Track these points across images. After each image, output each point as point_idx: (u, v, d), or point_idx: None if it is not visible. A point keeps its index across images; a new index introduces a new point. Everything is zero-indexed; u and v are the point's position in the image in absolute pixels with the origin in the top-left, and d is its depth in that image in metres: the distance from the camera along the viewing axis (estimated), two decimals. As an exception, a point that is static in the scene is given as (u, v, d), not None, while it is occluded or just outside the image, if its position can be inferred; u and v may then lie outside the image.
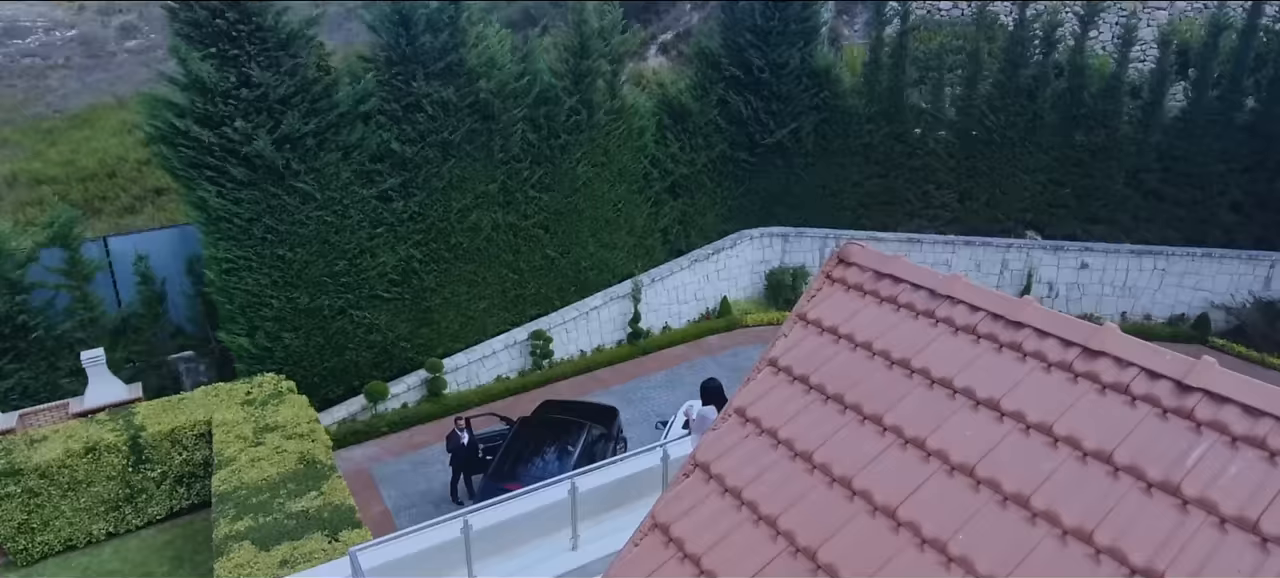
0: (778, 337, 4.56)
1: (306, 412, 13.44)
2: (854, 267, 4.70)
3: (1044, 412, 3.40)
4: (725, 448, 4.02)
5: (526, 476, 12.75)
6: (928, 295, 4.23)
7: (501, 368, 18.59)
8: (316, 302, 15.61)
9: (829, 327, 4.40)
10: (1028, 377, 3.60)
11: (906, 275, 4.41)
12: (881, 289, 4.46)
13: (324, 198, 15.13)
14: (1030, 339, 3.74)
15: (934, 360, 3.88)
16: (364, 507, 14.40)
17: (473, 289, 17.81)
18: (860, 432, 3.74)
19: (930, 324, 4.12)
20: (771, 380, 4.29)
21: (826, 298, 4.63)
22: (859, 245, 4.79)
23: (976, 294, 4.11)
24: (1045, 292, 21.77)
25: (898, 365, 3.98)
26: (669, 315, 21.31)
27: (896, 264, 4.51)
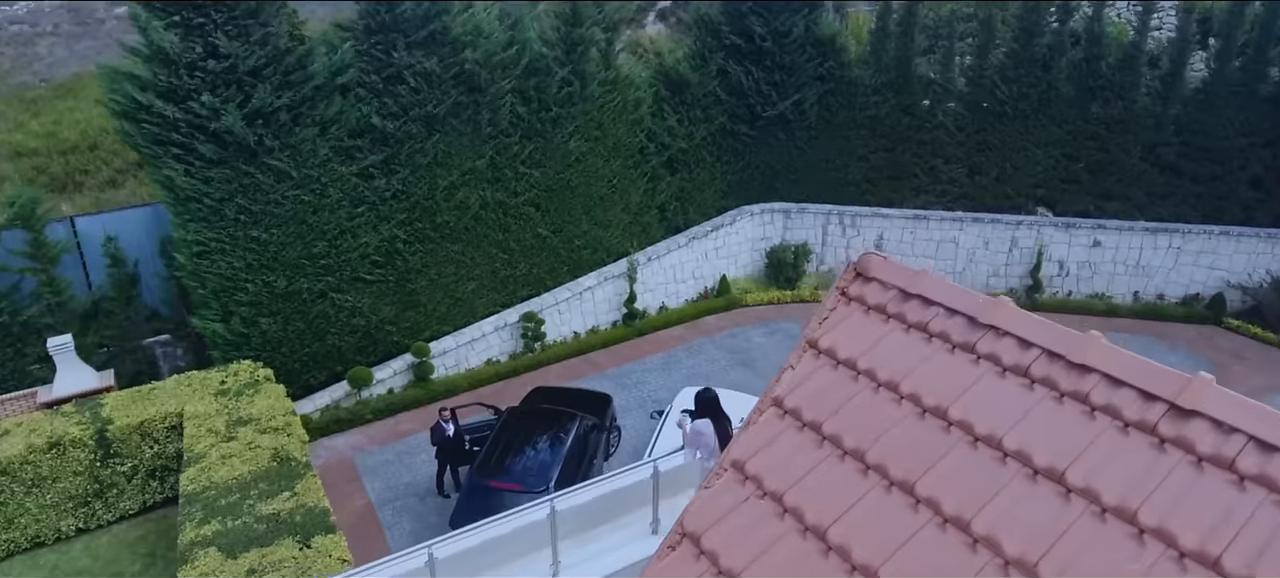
0: (784, 369, 3.84)
1: (283, 403, 12.78)
2: (875, 283, 3.95)
3: (1124, 491, 2.68)
4: (719, 514, 3.31)
5: (514, 469, 12.14)
6: (966, 324, 3.49)
7: (492, 351, 17.91)
8: (295, 285, 14.87)
9: (845, 359, 3.67)
10: (1099, 440, 2.87)
11: (939, 297, 3.67)
12: (909, 313, 3.72)
13: (300, 176, 14.32)
14: (1099, 389, 3.00)
15: (977, 410, 3.15)
16: (347, 500, 13.83)
17: (460, 270, 17.06)
18: (885, 503, 3.03)
19: (971, 361, 3.39)
20: (776, 426, 3.57)
21: (842, 321, 3.90)
22: (880, 257, 4.04)
23: (1027, 324, 3.36)
24: (1056, 270, 21.03)
25: (931, 414, 3.25)
26: (666, 295, 20.59)
27: (926, 282, 3.76)
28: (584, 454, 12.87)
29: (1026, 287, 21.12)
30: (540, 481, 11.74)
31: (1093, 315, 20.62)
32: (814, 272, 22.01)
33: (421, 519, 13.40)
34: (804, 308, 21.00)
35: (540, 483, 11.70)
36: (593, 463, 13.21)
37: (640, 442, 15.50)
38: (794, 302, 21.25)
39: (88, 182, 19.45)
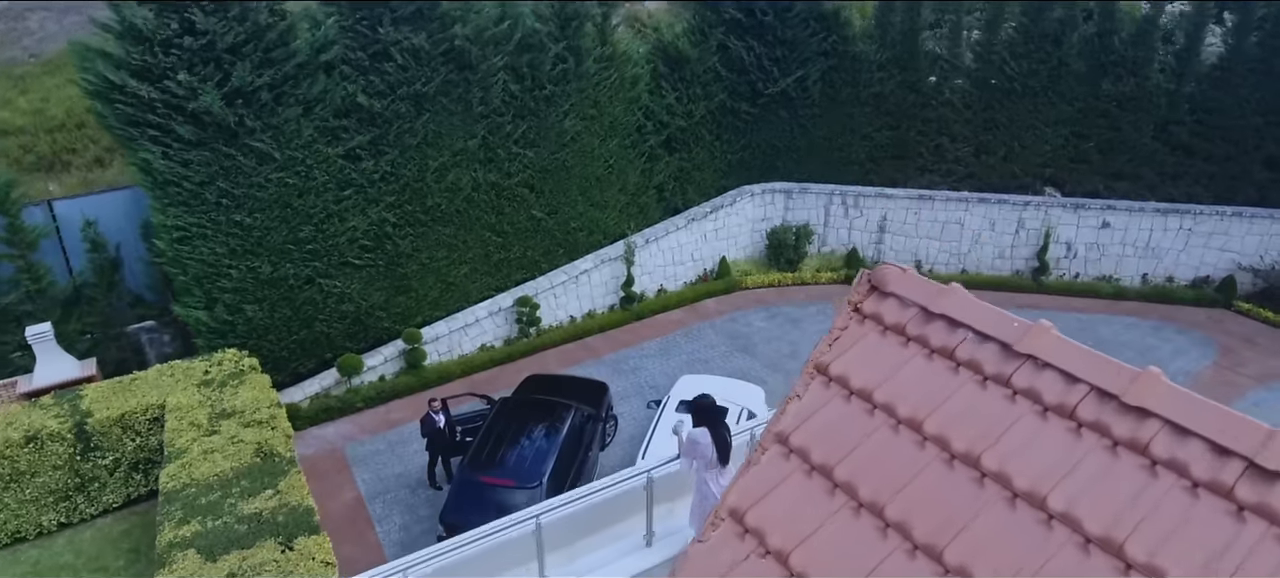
0: (789, 399, 3.40)
1: (267, 394, 12.37)
2: (892, 299, 3.50)
3: (1196, 570, 2.24)
4: (716, 572, 2.88)
5: (506, 463, 11.76)
6: (1000, 352, 3.04)
7: (485, 337, 17.50)
8: (280, 271, 14.40)
9: (860, 389, 3.23)
10: (1163, 504, 2.43)
11: (968, 318, 3.21)
12: (932, 335, 3.27)
13: (284, 158, 13.79)
14: (1162, 439, 2.56)
15: (1015, 459, 2.71)
16: (336, 492, 13.48)
17: (452, 254, 16.58)
18: (908, 570, 2.60)
19: (1006, 397, 2.94)
20: (780, 468, 3.13)
21: (855, 343, 3.45)
22: (898, 268, 3.58)
23: (1071, 356, 2.92)
24: (1063, 252, 20.55)
25: (961, 461, 2.82)
26: (664, 278, 20.13)
27: (953, 299, 3.31)
28: (579, 447, 12.51)
29: (1033, 269, 20.67)
30: (533, 476, 11.38)
31: (1100, 298, 20.21)
32: (815, 253, 21.53)
33: (412, 512, 13.07)
34: (805, 290, 20.57)
35: (533, 479, 11.34)
36: (588, 455, 12.85)
37: (637, 430, 15.14)
38: (795, 284, 20.81)
39: (75, 160, 18.90)
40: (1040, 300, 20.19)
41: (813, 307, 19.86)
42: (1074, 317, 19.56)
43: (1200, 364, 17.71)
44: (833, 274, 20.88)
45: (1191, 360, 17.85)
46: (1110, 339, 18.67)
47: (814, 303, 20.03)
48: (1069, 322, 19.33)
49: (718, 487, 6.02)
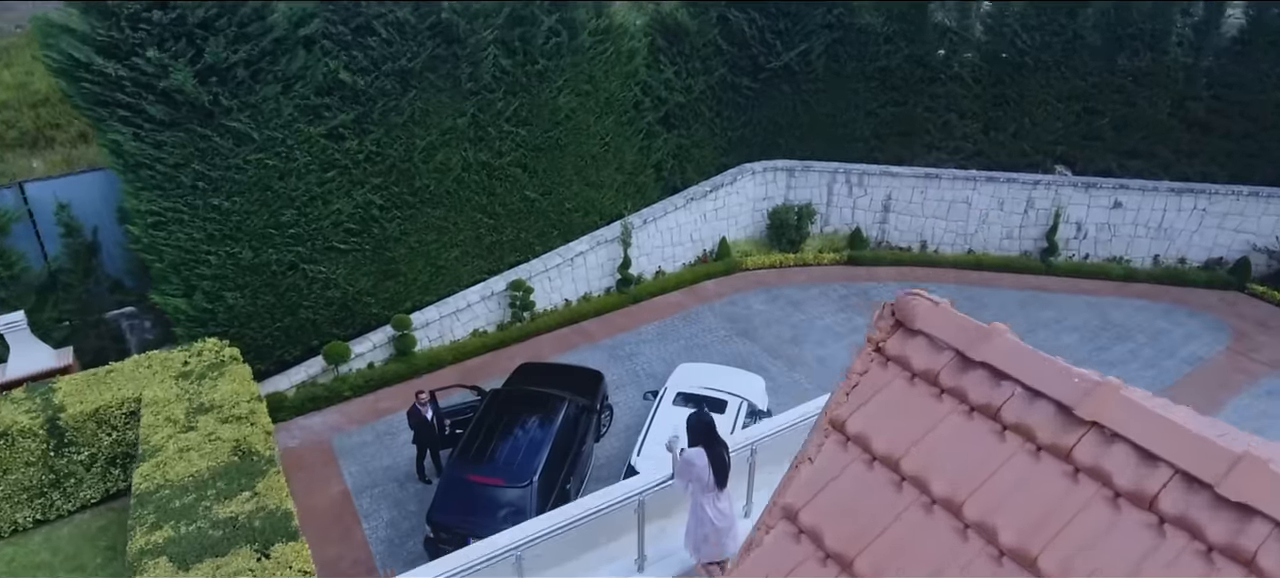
0: (799, 461, 2.87)
1: (248, 387, 11.86)
2: (922, 339, 2.95)
3: None
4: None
5: (496, 460, 11.29)
6: (1057, 417, 2.50)
7: (478, 321, 16.98)
8: (262, 256, 13.83)
9: (884, 454, 2.70)
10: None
11: (1016, 369, 2.67)
12: (971, 389, 2.73)
13: (263, 138, 13.15)
14: (1273, 548, 2.03)
15: (1080, 558, 2.19)
16: (322, 485, 13.05)
17: (442, 236, 16.00)
18: None
19: (1066, 476, 2.41)
20: (789, 551, 2.62)
21: (877, 392, 2.91)
22: (928, 300, 3.03)
23: (1148, 426, 2.38)
24: (1073, 232, 19.96)
25: (1011, 558, 2.29)
26: (662, 259, 19.57)
27: (997, 345, 2.76)
28: (572, 441, 12.04)
29: (1041, 249, 20.10)
30: (523, 474, 10.92)
31: (1110, 280, 19.67)
32: (818, 233, 20.95)
33: (400, 507, 12.65)
34: (807, 272, 20.02)
35: (523, 477, 10.88)
36: (582, 449, 12.39)
37: (634, 420, 14.68)
38: (797, 265, 20.26)
39: (59, 136, 18.25)
40: (1048, 282, 19.66)
41: (814, 289, 19.32)
42: (1084, 299, 19.05)
43: (1213, 349, 17.22)
44: (835, 255, 20.32)
45: (1204, 345, 17.35)
46: (1121, 322, 18.17)
47: (815, 285, 19.49)
48: (1079, 304, 18.83)
49: (715, 511, 5.53)
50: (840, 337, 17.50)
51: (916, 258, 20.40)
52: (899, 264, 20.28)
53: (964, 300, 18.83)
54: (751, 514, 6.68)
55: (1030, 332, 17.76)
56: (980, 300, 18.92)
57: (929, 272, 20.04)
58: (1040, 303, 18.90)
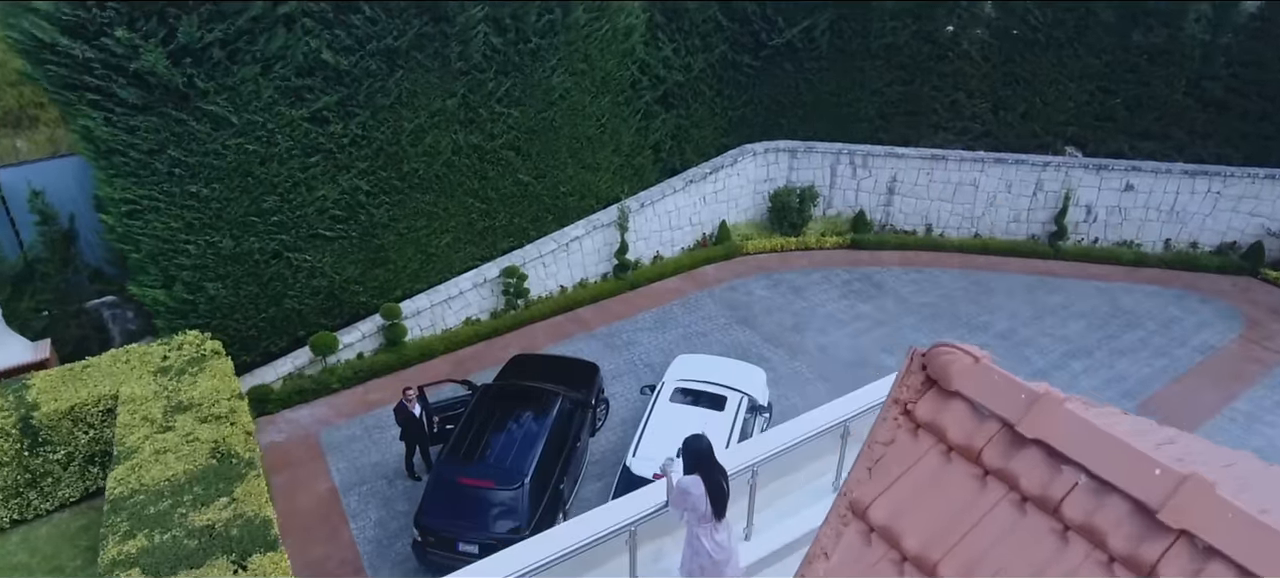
0: (814, 555, 2.40)
1: (228, 384, 11.41)
2: (959, 403, 2.47)
3: None
4: None
5: (486, 461, 10.86)
6: (1135, 518, 2.04)
7: (470, 309, 16.50)
8: (244, 245, 13.32)
9: (915, 555, 2.24)
10: None
11: (1079, 451, 2.20)
12: (1024, 473, 2.25)
13: (242, 122, 12.57)
14: None
15: None
16: (309, 483, 12.66)
17: (433, 222, 15.46)
18: None
19: (1147, 603, 1.93)
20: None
21: (907, 470, 2.43)
22: (967, 355, 2.54)
23: (1254, 540, 1.89)
24: (1083, 215, 19.42)
25: None
26: (661, 243, 19.05)
27: (1055, 418, 2.28)
28: (566, 439, 11.62)
29: (1050, 233, 19.58)
30: (514, 475, 10.50)
31: (1120, 264, 19.18)
32: (820, 216, 20.41)
33: (389, 506, 12.27)
34: (809, 256, 19.51)
35: (514, 478, 10.46)
36: (577, 446, 11.97)
37: (630, 413, 14.27)
38: (798, 249, 19.75)
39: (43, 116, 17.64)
40: (1056, 267, 19.17)
41: (816, 274, 18.83)
42: (1093, 284, 18.57)
43: (1225, 338, 16.77)
44: (838, 238, 19.80)
45: (1216, 333, 16.91)
46: (1131, 309, 17.71)
47: (818, 270, 18.99)
48: (1087, 290, 18.35)
49: (712, 543, 5.10)
50: (842, 324, 17.04)
51: (921, 242, 19.89)
52: (903, 248, 19.77)
53: (971, 286, 18.37)
54: (752, 537, 6.27)
55: (1037, 318, 17.32)
56: (987, 285, 18.45)
57: (934, 256, 19.54)
58: (1048, 288, 18.42)
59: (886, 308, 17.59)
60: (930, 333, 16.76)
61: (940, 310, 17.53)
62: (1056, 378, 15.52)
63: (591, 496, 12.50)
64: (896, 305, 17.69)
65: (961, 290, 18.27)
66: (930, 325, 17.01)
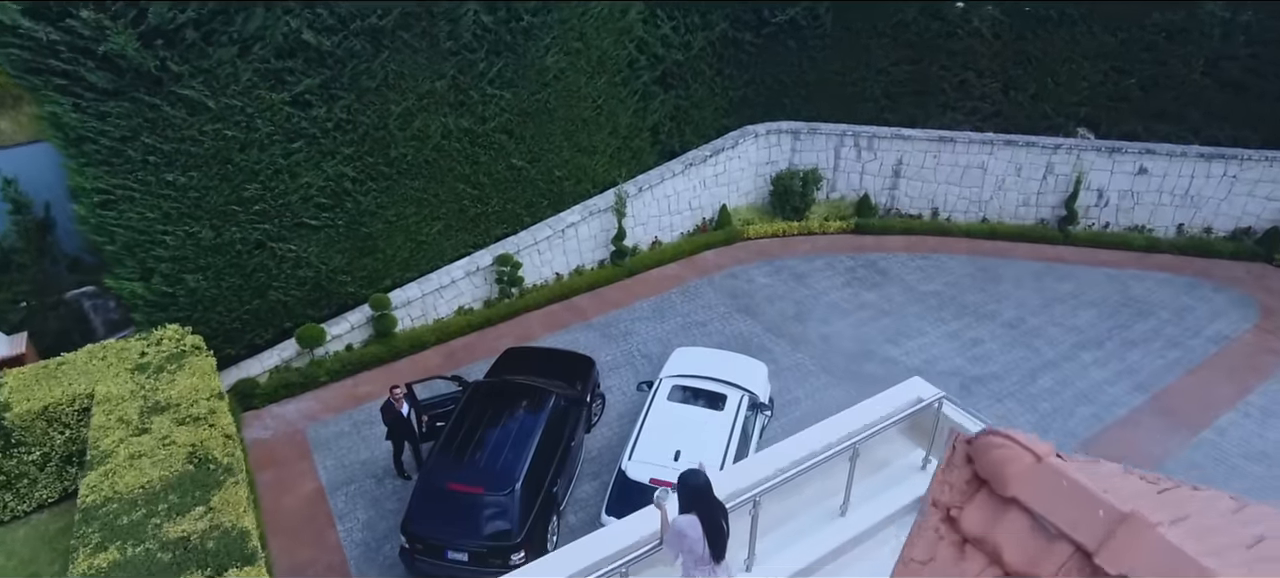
0: None
1: (208, 382, 10.96)
2: (1018, 514, 2.01)
3: None
4: None
5: (475, 466, 10.41)
6: None
7: (463, 298, 16.02)
8: (225, 235, 12.79)
9: None
10: None
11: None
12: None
13: (220, 107, 11.98)
14: None
15: None
16: (295, 482, 12.26)
17: (423, 210, 14.92)
18: None
19: None
20: None
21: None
22: (1025, 450, 2.04)
23: None
24: (1094, 199, 18.86)
25: None
26: (659, 229, 18.52)
27: (1143, 545, 1.78)
28: (560, 440, 11.18)
29: (1059, 218, 19.04)
30: (504, 481, 10.07)
31: (1131, 250, 18.66)
32: (824, 199, 19.84)
33: (377, 506, 11.88)
34: (811, 241, 18.99)
35: (504, 484, 10.04)
36: (571, 446, 11.55)
37: (627, 407, 13.85)
38: (801, 234, 19.22)
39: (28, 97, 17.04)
40: (1066, 253, 18.65)
41: (819, 261, 18.32)
42: (1104, 272, 18.06)
43: (1239, 328, 16.31)
44: (842, 223, 19.25)
45: (1230, 323, 16.44)
46: (1143, 297, 17.22)
47: (820, 256, 18.48)
48: (1098, 277, 17.85)
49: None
50: (846, 313, 16.56)
51: (927, 226, 19.35)
52: (909, 232, 19.24)
53: (978, 272, 17.87)
54: (753, 567, 5.84)
55: (1046, 307, 16.84)
56: (995, 272, 17.94)
57: (940, 241, 19.02)
58: (1057, 275, 17.91)
59: (891, 296, 17.10)
60: (936, 322, 16.30)
61: (947, 299, 17.04)
62: (1068, 369, 15.09)
63: (587, 495, 12.12)
64: (902, 293, 17.20)
65: (969, 277, 17.77)
66: (936, 315, 16.54)
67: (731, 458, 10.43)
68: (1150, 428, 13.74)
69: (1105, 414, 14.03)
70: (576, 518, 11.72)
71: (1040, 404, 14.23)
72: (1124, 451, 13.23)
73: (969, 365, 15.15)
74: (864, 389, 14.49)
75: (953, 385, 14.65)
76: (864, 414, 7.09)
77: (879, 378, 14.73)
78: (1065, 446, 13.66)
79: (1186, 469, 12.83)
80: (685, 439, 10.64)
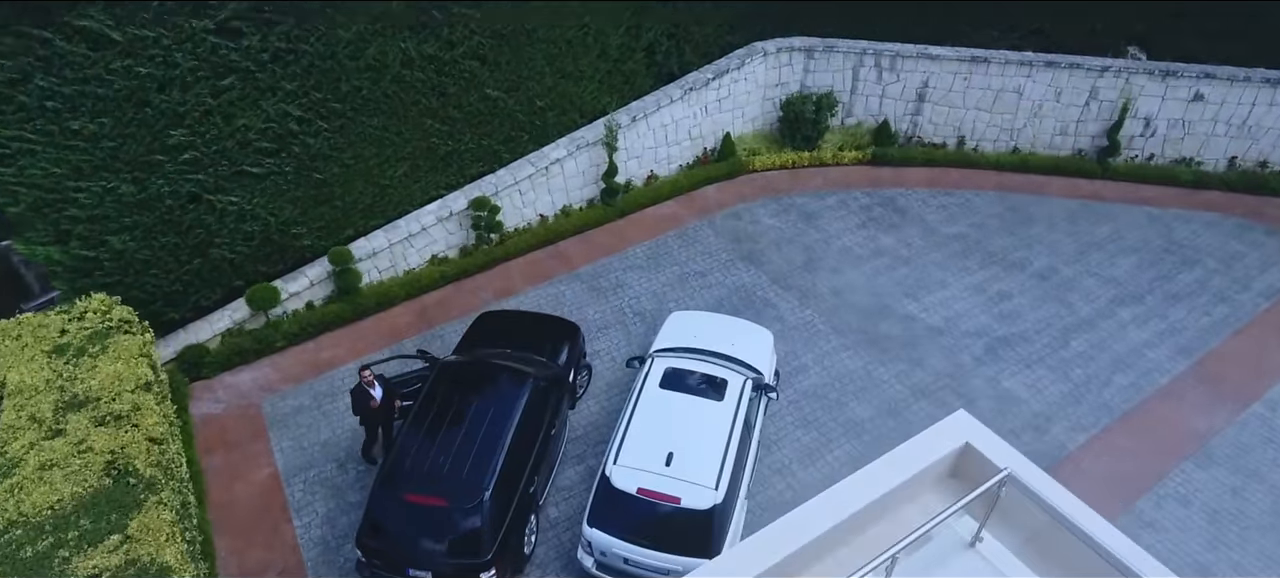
0: None
1: (134, 370, 9.58)
2: None
3: None
4: None
5: (438, 470, 9.09)
6: None
7: (436, 246, 14.45)
8: (150, 189, 11.11)
9: None
10: None
11: None
12: None
13: (127, 39, 10.06)
14: None
15: None
16: (248, 468, 11.10)
17: (384, 150, 13.14)
18: None
19: None
20: None
21: None
22: None
23: None
24: (1140, 129, 16.93)
25: None
26: (655, 162, 16.70)
27: None
28: (538, 430, 9.90)
29: (1099, 149, 17.16)
30: (471, 491, 8.82)
31: (1176, 186, 16.89)
32: (839, 127, 17.90)
33: (339, 498, 10.75)
34: (824, 174, 17.18)
35: (471, 495, 8.80)
36: (550, 436, 10.28)
37: (616, 377, 12.55)
38: (812, 165, 17.40)
39: None
40: (1104, 189, 16.88)
41: (832, 197, 16.59)
42: (1145, 211, 16.37)
43: (1294, 278, 14.78)
44: (858, 153, 17.39)
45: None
46: (1187, 242, 15.61)
47: (833, 192, 16.74)
48: (1139, 218, 16.18)
49: None
50: (860, 261, 15.02)
51: (952, 156, 17.49)
52: (931, 164, 17.41)
53: (1007, 212, 16.19)
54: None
55: (1082, 254, 15.26)
56: (1026, 212, 16.25)
57: (965, 174, 17.21)
58: (1094, 215, 16.23)
59: (911, 240, 15.49)
60: (960, 272, 14.77)
61: (972, 244, 15.44)
62: (1104, 328, 13.68)
63: (570, 482, 10.97)
64: (922, 237, 15.58)
65: (996, 218, 16.09)
66: (960, 262, 14.98)
67: (731, 460, 9.17)
68: (1194, 400, 12.45)
69: (1145, 383, 12.72)
70: (558, 511, 10.60)
71: (1073, 371, 12.91)
72: (1164, 427, 12.00)
73: (995, 324, 13.73)
74: (879, 354, 13.16)
75: (978, 348, 13.30)
76: (894, 469, 5.70)
77: (896, 340, 13.36)
78: (1100, 421, 12.46)
79: (1233, 452, 11.64)
80: (679, 437, 9.34)
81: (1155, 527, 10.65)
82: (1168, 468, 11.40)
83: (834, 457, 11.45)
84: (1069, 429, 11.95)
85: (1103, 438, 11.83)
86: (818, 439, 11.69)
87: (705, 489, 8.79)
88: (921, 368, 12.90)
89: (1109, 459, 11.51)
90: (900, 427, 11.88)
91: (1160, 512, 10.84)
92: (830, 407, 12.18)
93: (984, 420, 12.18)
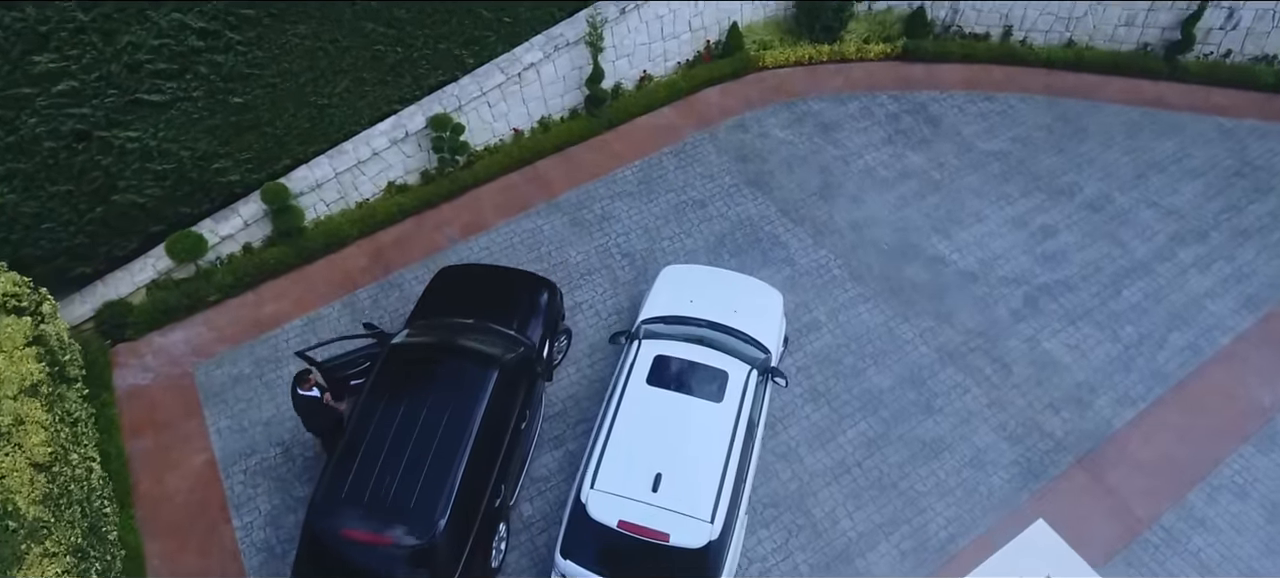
0: None
1: (19, 367, 7.99)
2: None
3: None
4: None
5: (381, 496, 7.62)
6: None
7: (392, 172, 12.42)
8: (22, 129, 9.01)
9: None
10: None
11: None
12: None
13: (-50, -61, 7.64)
14: None
15: None
16: (180, 455, 9.81)
17: (318, 63, 10.83)
18: None
19: None
20: None
21: None
22: None
23: None
24: (1221, 19, 14.31)
25: None
26: (648, 60, 14.27)
27: None
28: (505, 425, 8.43)
29: (1169, 44, 14.62)
30: (421, 525, 7.41)
31: (1255, 89, 14.51)
32: (865, 12, 15.24)
33: (284, 492, 9.46)
34: (846, 72, 14.75)
35: (421, 529, 7.40)
36: (520, 430, 8.82)
37: (600, 338, 10.97)
38: (832, 61, 14.91)
39: None
40: (1169, 93, 14.51)
41: (854, 103, 14.28)
42: (1215, 122, 14.11)
43: (1383, 208, 12.82)
44: (885, 47, 14.85)
45: (1372, 201, 12.91)
46: (1264, 163, 13.50)
47: (856, 96, 14.40)
48: (1208, 131, 13.98)
49: None
50: (885, 186, 13.01)
51: (995, 51, 14.95)
52: (970, 60, 14.92)
53: (1056, 122, 14.01)
54: None
55: (1140, 178, 13.23)
56: (1078, 122, 14.00)
57: (1010, 73, 14.77)
58: (1156, 128, 14.00)
59: (944, 159, 13.40)
60: (998, 201, 12.81)
61: (1013, 164, 13.35)
62: (1161, 274, 11.93)
63: (545, 470, 9.65)
64: (957, 154, 13.47)
65: (1043, 132, 13.88)
66: (999, 188, 12.98)
67: (731, 481, 7.73)
68: (1258, 364, 10.91)
69: (1204, 343, 11.14)
70: (532, 509, 9.35)
71: (1123, 329, 11.29)
72: (1223, 400, 10.54)
73: (1037, 268, 11.96)
74: (903, 306, 11.37)
75: (1016, 299, 11.62)
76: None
77: (923, 289, 11.65)
78: (1151, 392, 10.99)
79: (1303, 433, 10.24)
80: (668, 453, 7.85)
81: (1206, 526, 9.44)
82: (1225, 452, 10.05)
83: (847, 439, 10.07)
84: (1115, 403, 10.50)
85: (1153, 414, 10.40)
86: (829, 416, 10.26)
87: (700, 524, 7.41)
88: (950, 325, 11.27)
89: (1158, 442, 10.14)
90: (922, 401, 10.43)
91: (1213, 507, 9.59)
92: (845, 375, 10.67)
93: (1021, 392, 10.83)
